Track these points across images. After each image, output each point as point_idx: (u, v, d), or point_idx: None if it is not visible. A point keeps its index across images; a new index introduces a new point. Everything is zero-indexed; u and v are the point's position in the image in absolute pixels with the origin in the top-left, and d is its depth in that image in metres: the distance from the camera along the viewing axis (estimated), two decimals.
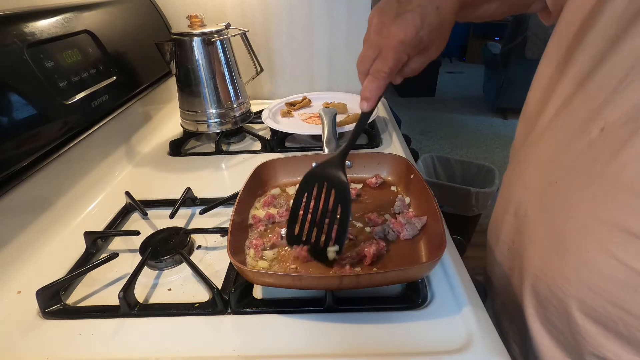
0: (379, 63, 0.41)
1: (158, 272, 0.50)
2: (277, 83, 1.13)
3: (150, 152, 0.83)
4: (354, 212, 0.56)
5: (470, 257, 0.71)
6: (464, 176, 1.82)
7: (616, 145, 0.32)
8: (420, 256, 0.48)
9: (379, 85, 0.42)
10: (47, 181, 0.56)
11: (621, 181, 0.31)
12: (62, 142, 0.56)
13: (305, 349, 0.39)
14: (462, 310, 0.42)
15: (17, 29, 0.53)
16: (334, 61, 1.09)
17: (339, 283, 0.41)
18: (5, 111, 0.48)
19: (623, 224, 0.32)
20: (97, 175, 0.68)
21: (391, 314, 0.42)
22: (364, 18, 1.01)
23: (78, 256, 0.53)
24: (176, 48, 0.78)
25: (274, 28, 1.04)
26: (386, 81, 0.42)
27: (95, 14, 0.72)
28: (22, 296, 0.47)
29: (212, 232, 0.56)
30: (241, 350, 0.39)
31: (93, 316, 0.44)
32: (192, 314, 0.43)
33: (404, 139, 0.85)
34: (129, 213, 0.63)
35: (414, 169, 0.58)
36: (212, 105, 0.83)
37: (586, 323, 0.37)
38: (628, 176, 0.31)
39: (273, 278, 0.42)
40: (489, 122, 3.34)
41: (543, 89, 0.43)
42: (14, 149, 0.48)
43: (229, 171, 0.76)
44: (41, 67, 0.55)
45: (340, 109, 0.89)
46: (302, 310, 0.43)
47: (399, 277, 0.43)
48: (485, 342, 0.38)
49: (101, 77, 0.67)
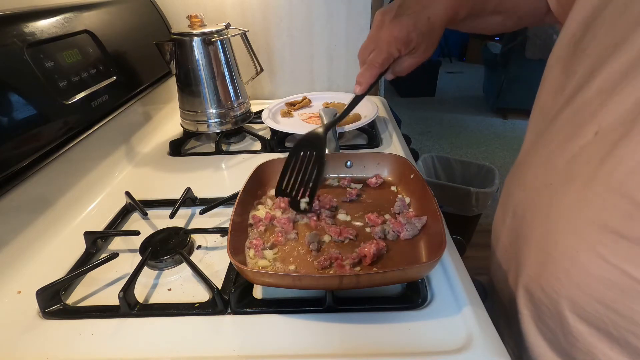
0: (374, 54, 0.49)
1: (158, 272, 0.50)
2: (277, 83, 1.13)
3: (150, 152, 0.83)
4: (354, 212, 0.56)
5: (470, 257, 0.71)
6: (464, 176, 1.82)
7: (607, 149, 0.32)
8: (420, 256, 0.48)
9: (372, 74, 0.50)
10: (47, 181, 0.56)
11: (611, 183, 0.32)
12: (62, 142, 0.56)
13: (305, 349, 0.39)
14: (462, 310, 0.42)
15: (17, 29, 0.53)
16: (334, 61, 1.09)
17: (339, 283, 0.41)
18: (5, 111, 0.48)
19: (611, 225, 0.32)
20: (97, 175, 0.68)
21: (391, 314, 0.42)
22: (364, 18, 1.02)
23: (78, 256, 0.53)
24: (176, 48, 0.78)
25: (274, 28, 1.04)
26: (378, 71, 0.50)
27: (95, 14, 0.72)
28: (22, 296, 0.47)
29: (212, 232, 0.56)
30: (241, 350, 0.39)
31: (93, 316, 0.44)
32: (192, 314, 0.43)
33: (404, 139, 0.85)
34: (129, 213, 0.63)
35: (414, 169, 0.58)
36: (212, 105, 0.83)
37: (577, 324, 0.37)
38: (617, 179, 0.32)
39: (273, 278, 0.42)
40: (489, 122, 3.34)
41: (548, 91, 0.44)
42: (14, 149, 0.48)
43: (229, 171, 0.76)
44: (41, 67, 0.55)
45: (340, 109, 0.89)
46: (302, 310, 0.43)
47: (399, 277, 0.43)
48: (485, 342, 0.38)
49: (101, 77, 0.67)
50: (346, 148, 0.81)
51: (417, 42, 0.47)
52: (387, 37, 0.47)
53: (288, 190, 0.56)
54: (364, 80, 0.51)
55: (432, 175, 1.82)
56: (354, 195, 0.59)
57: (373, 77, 0.50)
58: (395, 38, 0.47)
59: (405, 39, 0.47)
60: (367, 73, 0.50)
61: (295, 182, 0.56)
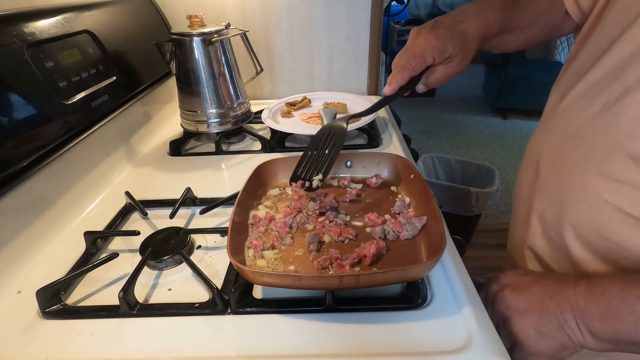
0: (407, 59, 0.51)
1: (158, 272, 0.50)
2: (277, 83, 1.13)
3: (150, 152, 0.83)
4: (354, 212, 0.56)
5: (470, 257, 0.71)
6: (464, 176, 1.81)
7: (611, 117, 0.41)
8: (420, 256, 0.48)
9: (402, 76, 0.51)
10: (47, 181, 0.56)
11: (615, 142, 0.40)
12: (62, 142, 0.56)
13: (305, 349, 0.39)
14: (462, 310, 0.42)
15: (17, 29, 0.53)
16: (334, 61, 1.09)
17: (338, 283, 0.41)
18: (5, 111, 0.48)
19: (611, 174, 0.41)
20: (97, 175, 0.68)
21: (391, 314, 0.42)
22: (364, 18, 1.02)
23: (78, 256, 0.53)
24: (176, 48, 0.78)
25: (274, 28, 1.04)
26: (410, 74, 0.51)
27: (95, 14, 0.72)
28: (22, 296, 0.47)
29: (212, 232, 0.56)
30: (241, 350, 0.39)
31: (93, 316, 0.43)
32: (192, 314, 0.43)
33: (404, 139, 0.85)
34: (129, 213, 0.63)
35: (414, 169, 0.58)
36: (212, 105, 0.83)
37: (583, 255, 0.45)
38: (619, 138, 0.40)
39: (273, 278, 0.42)
40: (489, 122, 3.34)
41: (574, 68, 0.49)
42: (14, 149, 0.48)
43: (229, 171, 0.76)
44: (41, 67, 0.55)
45: (340, 109, 0.89)
46: (302, 310, 0.43)
47: (399, 277, 0.43)
48: (485, 342, 0.38)
49: (101, 77, 0.67)
50: (346, 148, 0.81)
51: (452, 52, 0.50)
52: (423, 44, 0.50)
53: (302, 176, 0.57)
54: (394, 82, 0.52)
55: (432, 175, 1.82)
56: (354, 195, 0.59)
57: (404, 79, 0.52)
58: (430, 45, 0.49)
59: (441, 47, 0.49)
60: (399, 75, 0.51)
61: (310, 168, 0.57)
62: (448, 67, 0.52)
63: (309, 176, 0.56)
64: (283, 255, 0.49)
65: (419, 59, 0.50)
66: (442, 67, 0.52)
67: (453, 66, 0.52)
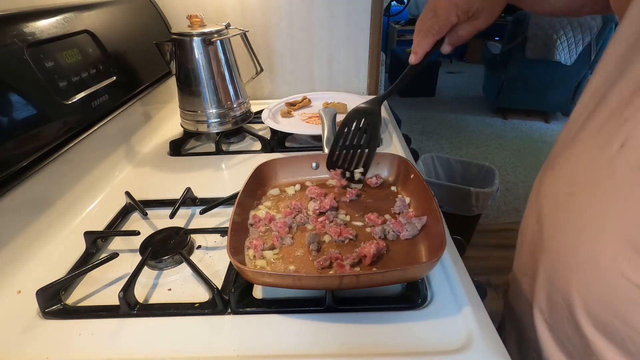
0: (431, 21, 0.47)
1: (158, 272, 0.50)
2: (277, 83, 1.13)
3: (150, 152, 0.83)
4: (354, 212, 0.56)
5: (470, 257, 0.71)
6: (464, 176, 1.81)
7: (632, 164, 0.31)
8: (420, 256, 0.48)
9: (428, 42, 0.48)
10: (47, 181, 0.56)
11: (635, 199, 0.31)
12: (62, 142, 0.56)
13: (305, 349, 0.39)
14: (462, 310, 0.42)
15: (17, 29, 0.53)
16: (334, 61, 1.09)
17: (338, 283, 0.41)
18: (5, 111, 0.48)
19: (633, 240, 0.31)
20: (97, 175, 0.68)
21: (391, 314, 0.42)
22: (364, 18, 1.02)
23: (78, 256, 0.53)
24: (176, 48, 0.78)
25: (274, 28, 1.04)
26: (435, 38, 0.48)
27: (95, 14, 0.72)
28: (22, 296, 0.47)
29: (212, 232, 0.56)
30: (241, 350, 0.39)
31: (93, 316, 0.44)
32: (192, 314, 0.43)
33: (404, 139, 0.85)
34: (129, 213, 0.63)
35: (414, 169, 0.58)
36: (212, 105, 0.83)
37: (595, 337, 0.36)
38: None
39: (273, 278, 0.42)
40: (489, 122, 3.34)
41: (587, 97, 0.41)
42: (14, 149, 0.48)
43: (229, 171, 0.76)
44: (41, 67, 0.55)
45: (340, 109, 0.89)
46: (302, 310, 0.43)
47: (398, 277, 0.43)
48: (485, 342, 0.38)
49: (101, 77, 0.67)
50: None
51: (478, 7, 0.45)
52: (446, 3, 0.45)
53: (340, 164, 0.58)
54: (419, 49, 0.49)
55: (432, 175, 1.82)
56: (354, 195, 0.59)
57: (429, 45, 0.49)
58: (455, 4, 0.45)
59: (466, 7, 0.45)
60: (424, 41, 0.48)
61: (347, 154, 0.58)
62: (474, 25, 0.47)
63: (347, 165, 0.58)
64: (283, 255, 0.49)
65: (443, 22, 0.46)
66: (467, 25, 0.48)
67: (479, 23, 0.47)
